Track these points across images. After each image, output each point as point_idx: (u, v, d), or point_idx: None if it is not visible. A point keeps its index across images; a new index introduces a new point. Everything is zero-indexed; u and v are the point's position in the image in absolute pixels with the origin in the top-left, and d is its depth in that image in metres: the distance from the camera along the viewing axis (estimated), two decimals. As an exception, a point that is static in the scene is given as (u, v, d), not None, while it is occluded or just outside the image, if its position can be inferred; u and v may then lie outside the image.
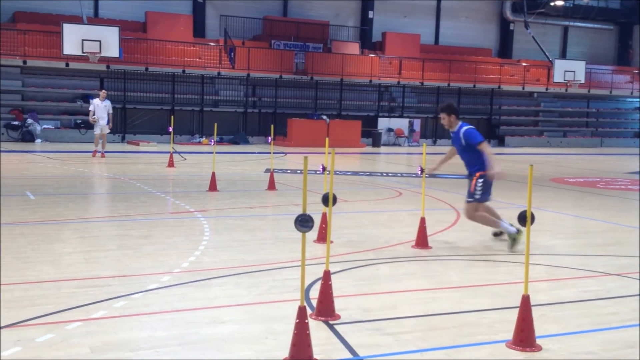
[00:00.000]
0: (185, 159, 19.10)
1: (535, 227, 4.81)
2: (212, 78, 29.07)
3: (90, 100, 19.84)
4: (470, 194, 7.81)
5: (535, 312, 4.70)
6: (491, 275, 6.71)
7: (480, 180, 7.71)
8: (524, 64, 36.73)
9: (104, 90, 20.21)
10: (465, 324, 5.11)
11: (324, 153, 8.51)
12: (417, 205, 11.00)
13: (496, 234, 8.31)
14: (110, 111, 19.41)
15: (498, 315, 5.34)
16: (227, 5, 31.80)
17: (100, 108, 19.08)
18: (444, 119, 7.92)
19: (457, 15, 37.49)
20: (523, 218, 4.64)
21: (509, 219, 8.00)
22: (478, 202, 7.79)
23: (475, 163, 7.79)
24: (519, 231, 7.69)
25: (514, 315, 4.75)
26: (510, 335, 4.67)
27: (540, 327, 4.79)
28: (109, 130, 19.62)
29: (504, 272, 6.86)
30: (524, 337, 4.56)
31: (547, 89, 36.11)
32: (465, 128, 7.81)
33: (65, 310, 5.07)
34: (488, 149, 7.70)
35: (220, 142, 27.00)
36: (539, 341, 4.60)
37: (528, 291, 4.61)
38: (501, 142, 33.86)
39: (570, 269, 7.09)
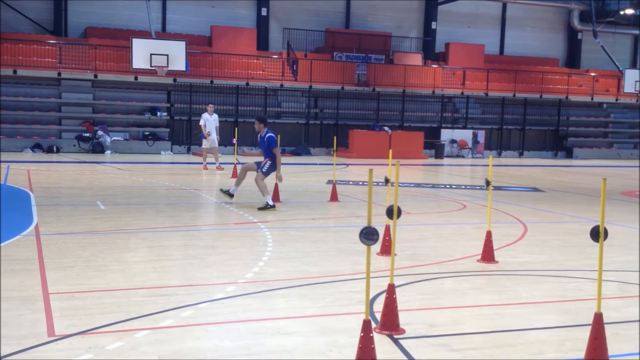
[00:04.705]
0: (248, 170, 19.29)
1: (606, 242, 4.66)
2: (274, 90, 29.41)
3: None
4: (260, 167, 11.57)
5: (607, 330, 4.54)
6: (560, 292, 6.52)
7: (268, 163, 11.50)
8: (592, 74, 35.78)
9: (211, 105, 20.35)
10: (535, 341, 4.98)
11: (387, 165, 8.46)
12: (482, 218, 10.82)
13: None
14: (217, 124, 19.78)
15: (568, 333, 5.18)
16: (290, 19, 32.18)
17: (210, 122, 19.51)
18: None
19: (523, 25, 36.87)
20: (595, 233, 4.50)
21: (581, 233, 7.77)
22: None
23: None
24: None
25: (584, 333, 4.61)
26: (581, 354, 4.52)
27: (612, 346, 4.63)
28: (216, 144, 19.95)
29: (573, 289, 6.66)
30: (597, 356, 4.40)
31: (617, 99, 35.09)
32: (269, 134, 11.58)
33: (135, 319, 5.19)
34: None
35: (282, 153, 27.25)
36: (612, 361, 4.45)
37: (600, 308, 4.46)
38: (569, 154, 33.02)
39: (644, 286, 6.83)
